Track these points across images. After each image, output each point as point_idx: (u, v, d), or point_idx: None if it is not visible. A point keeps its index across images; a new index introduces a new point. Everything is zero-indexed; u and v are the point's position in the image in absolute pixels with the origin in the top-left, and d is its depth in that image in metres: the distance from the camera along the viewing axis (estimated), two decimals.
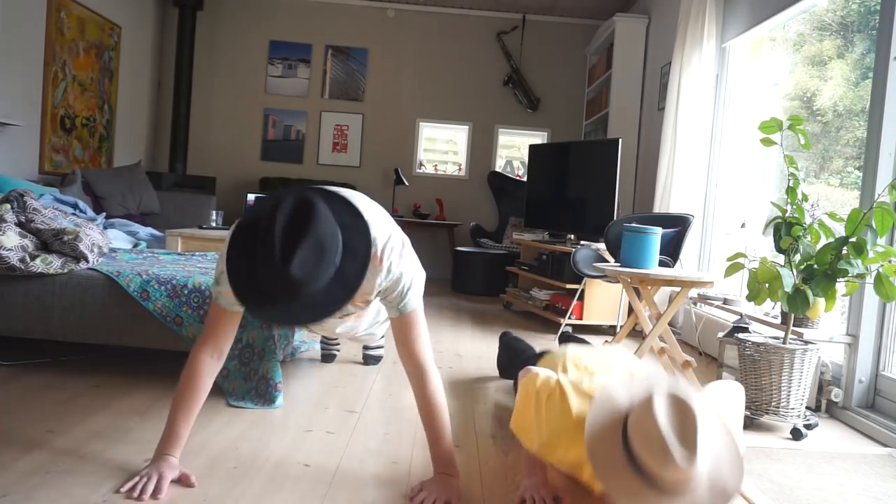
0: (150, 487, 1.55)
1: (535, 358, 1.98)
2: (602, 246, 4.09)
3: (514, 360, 2.88)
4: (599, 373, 1.67)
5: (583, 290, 4.31)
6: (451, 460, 1.70)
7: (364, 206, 1.67)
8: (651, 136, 5.35)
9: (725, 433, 1.40)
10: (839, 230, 2.42)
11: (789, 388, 2.46)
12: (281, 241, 1.35)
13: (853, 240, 2.31)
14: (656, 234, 2.93)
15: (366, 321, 2.27)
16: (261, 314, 1.49)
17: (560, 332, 4.21)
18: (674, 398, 1.34)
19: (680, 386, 1.38)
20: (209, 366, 1.71)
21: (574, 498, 1.70)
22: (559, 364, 1.74)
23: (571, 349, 1.80)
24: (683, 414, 1.31)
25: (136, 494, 1.53)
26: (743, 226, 4.10)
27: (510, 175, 7.06)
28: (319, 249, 1.38)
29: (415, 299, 1.72)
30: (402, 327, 1.74)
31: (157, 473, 1.59)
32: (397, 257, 1.66)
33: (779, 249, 2.52)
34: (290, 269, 1.34)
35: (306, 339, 3.11)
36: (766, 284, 2.46)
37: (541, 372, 1.67)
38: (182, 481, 1.61)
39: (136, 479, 1.58)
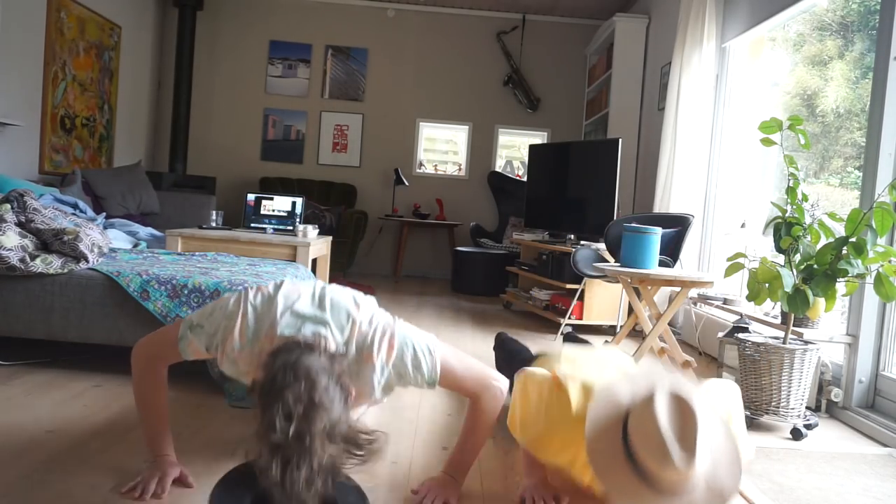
0: (152, 487, 1.55)
1: (531, 360, 1.98)
2: (602, 246, 4.10)
3: (510, 361, 2.88)
4: (594, 373, 1.67)
5: (583, 290, 4.31)
6: (463, 469, 1.71)
7: (351, 309, 1.58)
8: (651, 136, 5.35)
9: (725, 433, 1.39)
10: (839, 230, 2.42)
11: (789, 388, 2.46)
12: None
13: (853, 240, 2.31)
14: (656, 234, 2.93)
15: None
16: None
17: (562, 332, 4.21)
18: (675, 397, 1.34)
19: (682, 384, 1.38)
20: (161, 368, 1.66)
21: (574, 498, 1.70)
22: (554, 364, 1.74)
23: (567, 350, 1.80)
24: (684, 414, 1.31)
25: (137, 494, 1.53)
26: (743, 226, 4.10)
27: (510, 175, 7.06)
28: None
29: (437, 358, 1.59)
30: (446, 384, 1.64)
31: (158, 473, 1.59)
32: (386, 349, 1.54)
33: (779, 249, 2.52)
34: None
35: None
36: (766, 284, 2.46)
37: (536, 371, 1.67)
38: (182, 481, 1.61)
39: (138, 479, 1.58)
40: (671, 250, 3.61)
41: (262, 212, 4.24)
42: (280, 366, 1.31)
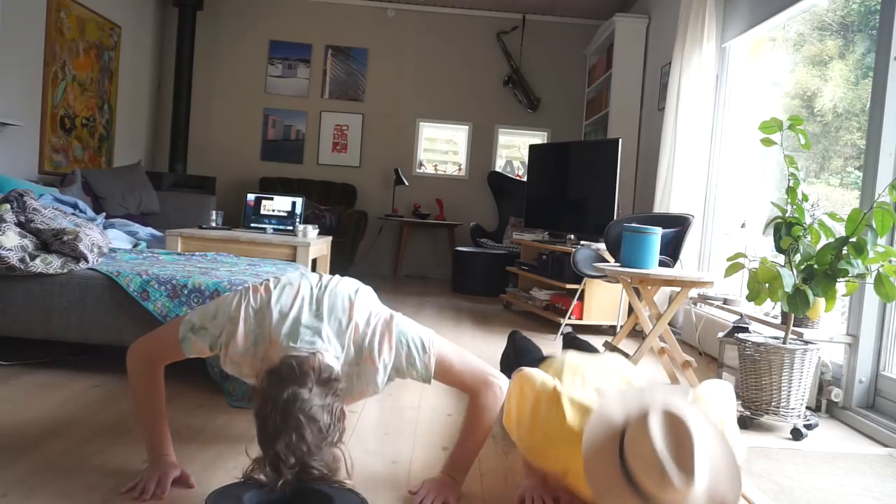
0: (152, 487, 1.54)
1: (539, 361, 1.98)
2: (602, 246, 4.09)
3: (520, 359, 2.88)
4: (596, 381, 1.67)
5: (583, 290, 4.31)
6: (463, 469, 1.70)
7: (348, 310, 1.61)
8: (651, 136, 5.35)
9: (723, 445, 1.38)
10: (839, 230, 2.42)
11: (789, 388, 2.46)
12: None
13: (853, 240, 2.31)
14: (656, 234, 2.93)
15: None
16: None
17: (562, 332, 4.21)
18: (669, 416, 1.32)
19: (674, 402, 1.37)
20: (158, 368, 1.68)
21: (573, 499, 1.70)
22: (557, 371, 1.73)
23: (570, 356, 1.80)
24: (679, 434, 1.30)
25: (136, 494, 1.53)
26: (743, 226, 4.10)
27: (510, 175, 7.06)
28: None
29: (431, 353, 1.63)
30: (441, 377, 1.67)
31: (158, 473, 1.58)
32: (388, 348, 1.59)
33: (779, 249, 2.52)
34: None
35: None
36: (766, 284, 2.46)
37: (536, 375, 1.67)
38: (182, 481, 1.61)
39: (138, 479, 1.58)
40: (671, 250, 3.61)
41: (262, 212, 4.24)
42: (272, 405, 1.36)
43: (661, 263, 3.37)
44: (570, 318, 4.28)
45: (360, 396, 1.66)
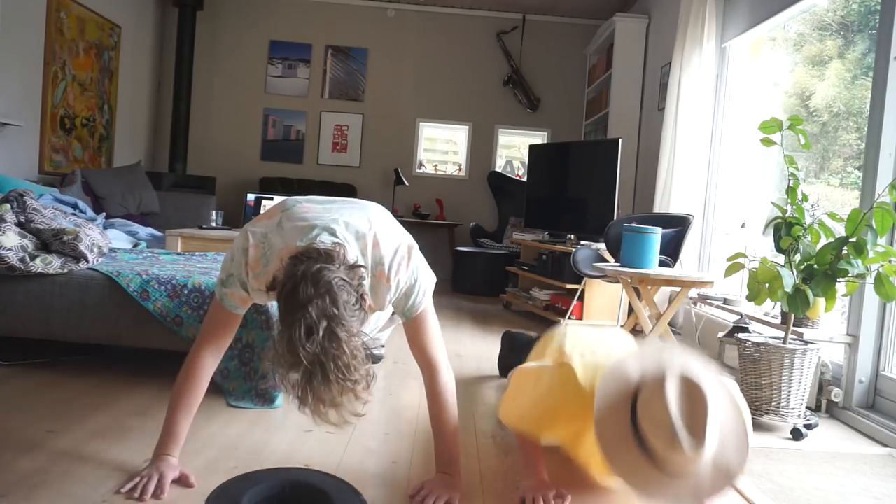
0: (151, 487, 1.54)
1: (535, 340, 1.98)
2: (602, 246, 4.09)
3: (513, 344, 2.89)
4: (602, 349, 1.66)
5: (583, 291, 4.31)
6: (452, 460, 1.70)
7: (368, 220, 1.62)
8: (651, 136, 5.35)
9: (735, 413, 1.38)
10: (839, 230, 2.42)
11: (789, 388, 2.46)
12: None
13: (853, 240, 2.31)
14: (656, 234, 2.93)
15: (370, 328, 2.25)
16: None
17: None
18: (686, 381, 1.33)
19: (693, 366, 1.37)
20: (209, 366, 1.70)
21: (571, 485, 1.70)
22: (558, 341, 1.73)
23: (570, 329, 1.79)
24: (694, 400, 1.30)
25: (136, 494, 1.53)
26: (743, 226, 4.10)
27: (510, 175, 7.06)
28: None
29: (423, 303, 1.68)
30: (411, 329, 1.71)
31: (157, 473, 1.58)
32: (405, 270, 1.62)
33: (779, 249, 2.52)
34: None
35: None
36: (766, 284, 2.46)
37: (532, 364, 1.68)
38: (182, 481, 1.61)
39: (137, 479, 1.58)
40: (671, 250, 3.61)
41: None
42: (301, 276, 1.33)
43: (661, 263, 3.37)
44: (570, 318, 4.28)
45: (371, 311, 1.64)
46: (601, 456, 1.39)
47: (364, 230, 1.58)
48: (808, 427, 2.46)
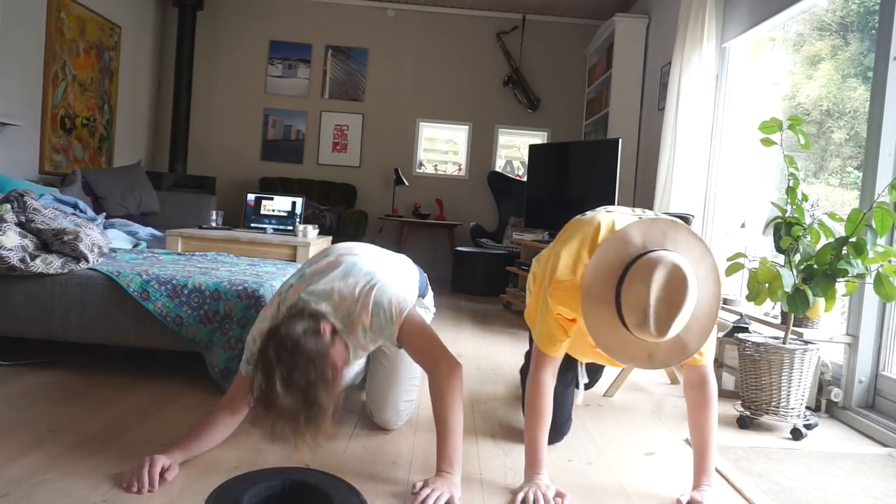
0: (144, 474, 1.57)
1: None
2: None
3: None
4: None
5: None
6: (453, 458, 1.70)
7: (331, 276, 1.84)
8: (651, 136, 5.35)
9: (711, 304, 1.47)
10: (839, 230, 2.42)
11: (789, 388, 2.46)
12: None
13: (853, 240, 2.31)
14: None
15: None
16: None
17: None
18: (675, 273, 1.40)
19: (686, 259, 1.44)
20: (227, 419, 1.83)
21: (573, 494, 1.70)
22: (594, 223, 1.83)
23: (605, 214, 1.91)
24: (674, 292, 1.39)
25: (134, 489, 1.55)
26: (743, 226, 4.10)
27: (510, 175, 7.06)
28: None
29: (396, 325, 1.78)
30: (405, 346, 1.82)
31: (147, 460, 1.61)
32: (366, 316, 1.78)
33: (779, 249, 2.52)
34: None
35: None
36: (766, 284, 2.46)
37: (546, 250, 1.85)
38: (170, 471, 1.63)
39: (128, 476, 1.60)
40: None
41: (262, 212, 4.24)
42: (283, 335, 1.56)
43: None
44: None
45: (363, 351, 1.90)
46: (581, 301, 1.51)
47: (334, 288, 1.81)
48: (808, 427, 2.46)
